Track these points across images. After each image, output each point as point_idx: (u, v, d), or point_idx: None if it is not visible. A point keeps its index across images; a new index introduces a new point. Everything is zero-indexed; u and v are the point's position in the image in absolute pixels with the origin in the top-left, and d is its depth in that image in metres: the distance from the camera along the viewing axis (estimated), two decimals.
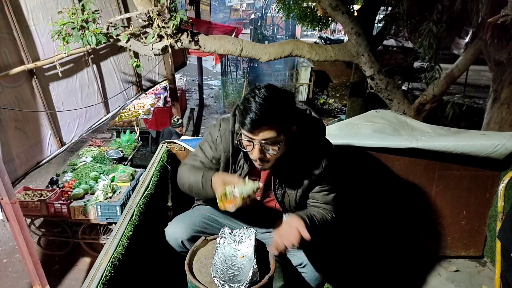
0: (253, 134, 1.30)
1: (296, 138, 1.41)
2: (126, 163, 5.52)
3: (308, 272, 1.58)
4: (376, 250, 2.52)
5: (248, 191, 1.32)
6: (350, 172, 2.33)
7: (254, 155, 1.35)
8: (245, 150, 1.41)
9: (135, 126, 6.67)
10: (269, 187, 1.58)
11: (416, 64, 11.72)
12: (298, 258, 1.59)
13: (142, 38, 3.55)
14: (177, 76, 8.74)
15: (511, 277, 1.73)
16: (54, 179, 5.01)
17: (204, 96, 11.35)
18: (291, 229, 1.32)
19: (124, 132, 6.36)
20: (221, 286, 1.30)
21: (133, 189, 4.40)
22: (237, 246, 1.48)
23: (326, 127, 2.26)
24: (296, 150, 1.45)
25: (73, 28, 3.26)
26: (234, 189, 1.33)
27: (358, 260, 2.48)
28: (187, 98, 10.80)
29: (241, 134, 1.36)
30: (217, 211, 1.70)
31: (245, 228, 1.54)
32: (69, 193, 4.36)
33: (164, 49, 3.58)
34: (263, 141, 1.31)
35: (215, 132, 1.55)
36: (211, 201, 1.59)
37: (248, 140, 1.34)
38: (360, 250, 2.49)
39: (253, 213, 1.71)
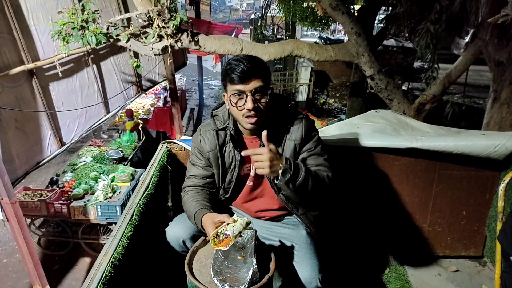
0: (244, 84, 1.42)
1: (271, 107, 1.51)
2: (126, 163, 5.52)
3: (304, 272, 1.58)
4: (375, 250, 2.52)
5: (239, 229, 1.36)
6: (350, 172, 2.34)
7: (248, 105, 1.43)
8: (235, 106, 1.47)
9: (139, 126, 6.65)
10: None
11: (416, 64, 11.71)
12: (297, 256, 1.60)
13: (142, 38, 3.55)
14: (177, 76, 8.72)
15: (510, 278, 1.73)
16: (54, 179, 5.01)
17: (204, 96, 11.34)
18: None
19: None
20: (221, 286, 1.30)
21: (133, 189, 4.39)
22: (237, 246, 1.48)
23: (326, 127, 2.25)
24: (274, 123, 1.54)
25: (73, 28, 3.26)
26: (226, 229, 1.35)
27: (357, 260, 2.48)
28: (187, 98, 10.78)
29: (230, 97, 1.46)
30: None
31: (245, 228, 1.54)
32: (69, 193, 4.35)
33: (164, 49, 3.58)
34: (253, 91, 1.42)
35: (197, 138, 1.64)
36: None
37: (238, 94, 1.44)
38: (359, 250, 2.49)
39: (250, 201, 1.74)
